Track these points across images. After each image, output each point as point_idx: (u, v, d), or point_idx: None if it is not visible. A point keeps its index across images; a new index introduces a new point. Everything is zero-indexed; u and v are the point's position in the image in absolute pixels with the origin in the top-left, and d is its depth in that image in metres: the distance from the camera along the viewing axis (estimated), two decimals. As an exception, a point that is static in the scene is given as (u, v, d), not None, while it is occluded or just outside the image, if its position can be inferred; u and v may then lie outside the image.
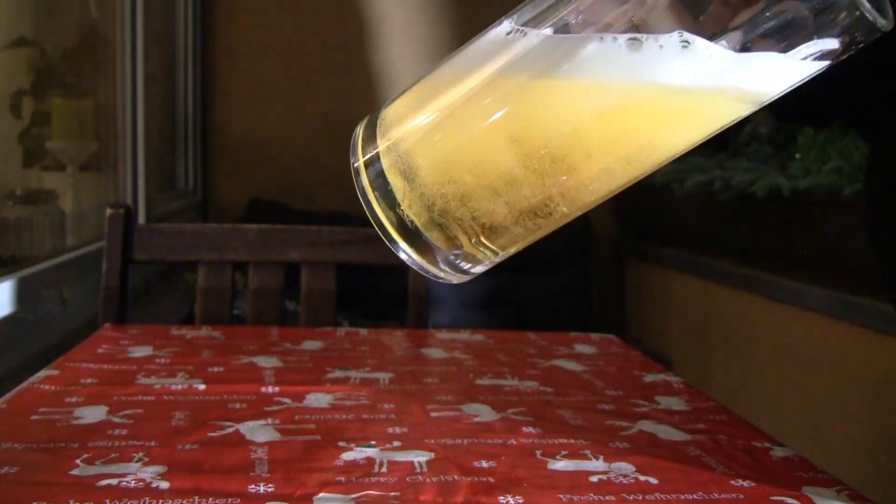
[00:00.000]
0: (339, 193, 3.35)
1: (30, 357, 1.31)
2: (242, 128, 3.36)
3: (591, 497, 0.58)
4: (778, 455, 0.69)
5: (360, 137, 0.45)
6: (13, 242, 1.58)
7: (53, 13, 2.01)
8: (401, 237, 0.43)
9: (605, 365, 0.99)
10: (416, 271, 0.45)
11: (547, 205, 0.42)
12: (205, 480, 0.59)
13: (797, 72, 0.39)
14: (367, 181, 0.44)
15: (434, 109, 0.43)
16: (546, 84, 0.40)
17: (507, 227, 0.43)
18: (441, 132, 0.42)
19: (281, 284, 1.27)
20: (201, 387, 0.83)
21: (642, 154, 0.41)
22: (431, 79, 0.45)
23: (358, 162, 0.44)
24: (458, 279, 0.45)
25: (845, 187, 2.12)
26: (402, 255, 0.44)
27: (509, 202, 0.41)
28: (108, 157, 2.22)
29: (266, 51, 3.35)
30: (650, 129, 0.40)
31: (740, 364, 2.42)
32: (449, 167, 0.42)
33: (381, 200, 0.43)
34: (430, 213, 0.42)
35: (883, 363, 1.82)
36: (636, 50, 0.38)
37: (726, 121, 0.41)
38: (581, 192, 0.42)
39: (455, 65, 0.45)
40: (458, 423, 0.74)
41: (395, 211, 0.43)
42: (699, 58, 0.38)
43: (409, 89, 0.45)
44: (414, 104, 0.44)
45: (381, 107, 0.46)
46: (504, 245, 0.44)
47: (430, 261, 0.43)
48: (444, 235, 0.42)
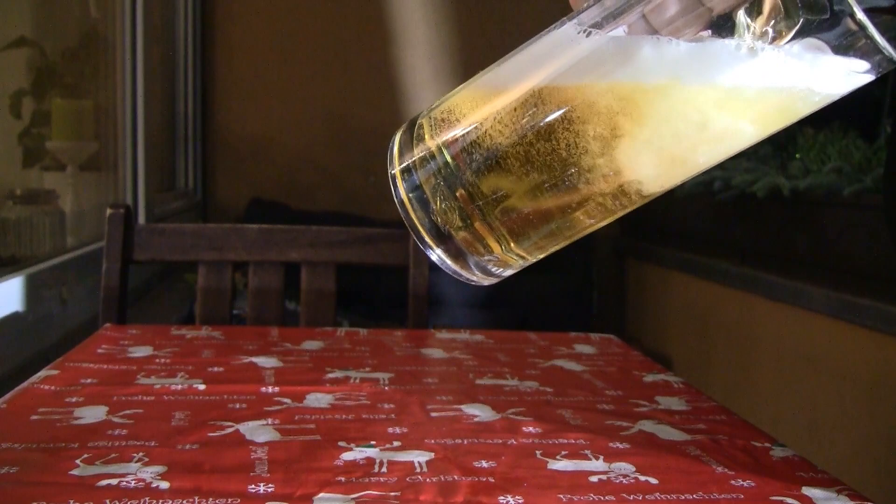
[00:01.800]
0: (339, 193, 3.35)
1: (30, 357, 1.31)
2: (242, 128, 3.36)
3: (591, 497, 0.58)
4: (778, 455, 0.69)
5: (398, 143, 0.45)
6: (13, 242, 1.58)
7: (53, 13, 2.01)
8: (434, 242, 0.43)
9: (605, 365, 0.99)
10: (446, 272, 0.45)
11: (590, 213, 0.42)
12: (205, 480, 0.59)
13: (854, 79, 0.39)
14: (403, 186, 0.44)
15: (480, 117, 0.43)
16: (637, 87, 0.40)
17: (543, 234, 0.43)
18: (487, 140, 0.42)
19: (281, 284, 1.27)
20: (201, 387, 0.83)
21: (716, 157, 0.41)
22: (475, 87, 0.45)
23: (395, 168, 0.45)
24: (488, 281, 0.46)
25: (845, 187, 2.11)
26: (434, 258, 0.44)
27: (552, 211, 0.42)
28: (108, 157, 2.22)
29: (266, 51, 3.35)
30: (748, 132, 0.41)
31: (740, 364, 2.42)
32: (492, 177, 0.42)
33: (415, 205, 0.44)
34: (464, 220, 0.42)
35: (883, 363, 1.82)
36: (751, 55, 0.38)
37: (794, 119, 0.41)
38: (632, 198, 0.42)
39: (509, 69, 0.44)
40: (458, 423, 0.74)
41: (429, 216, 0.43)
42: (782, 60, 0.38)
43: (449, 97, 0.45)
44: (456, 112, 0.44)
45: (419, 114, 0.46)
46: (534, 250, 0.44)
47: (462, 265, 0.44)
48: (478, 241, 0.43)
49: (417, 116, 0.46)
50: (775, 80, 0.39)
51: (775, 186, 2.33)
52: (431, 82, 3.41)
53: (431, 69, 3.41)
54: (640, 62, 0.39)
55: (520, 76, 0.43)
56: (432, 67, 3.41)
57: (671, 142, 0.40)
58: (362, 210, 3.29)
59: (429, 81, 3.41)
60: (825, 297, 1.99)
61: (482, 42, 3.39)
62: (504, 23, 3.38)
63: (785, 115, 0.41)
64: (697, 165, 0.42)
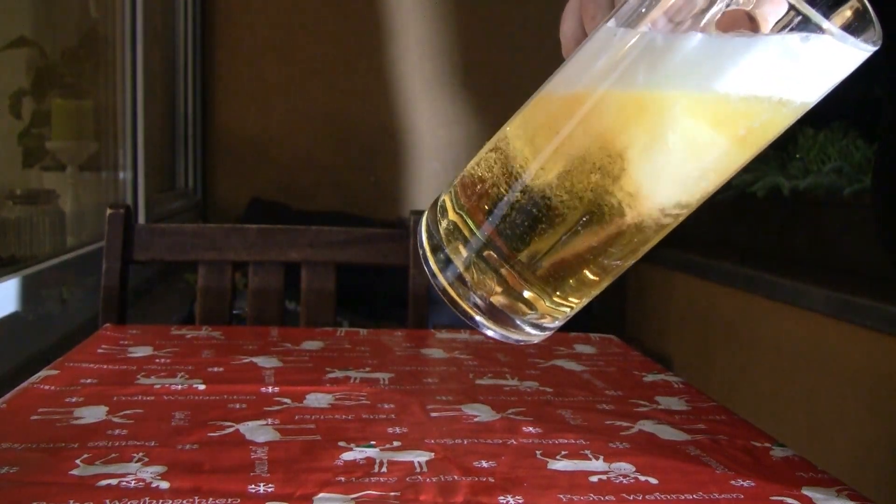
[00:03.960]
0: (339, 193, 3.35)
1: (30, 357, 1.31)
2: (242, 128, 3.36)
3: (591, 497, 0.58)
4: (778, 455, 0.69)
5: (426, 221, 0.45)
6: (13, 242, 1.58)
7: (53, 13, 2.01)
8: (477, 313, 0.43)
9: (605, 365, 0.99)
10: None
11: (635, 251, 0.42)
12: (205, 480, 0.59)
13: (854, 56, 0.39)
14: (437, 267, 0.43)
15: (495, 179, 0.42)
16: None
17: (580, 276, 0.42)
18: (505, 198, 0.42)
19: (281, 284, 1.27)
20: (201, 387, 0.83)
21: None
22: (487, 150, 0.44)
23: (425, 247, 0.44)
24: (539, 338, 0.45)
25: (845, 187, 2.12)
26: (490, 333, 0.44)
27: (581, 254, 0.41)
28: (108, 157, 2.22)
29: (266, 51, 3.35)
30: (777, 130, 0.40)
31: (740, 364, 2.42)
32: (517, 233, 0.41)
33: (453, 282, 0.43)
34: (503, 287, 0.42)
35: (883, 363, 1.82)
36: (811, 48, 0.37)
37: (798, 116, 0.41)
38: (669, 227, 0.42)
39: (514, 129, 0.43)
40: (458, 423, 0.74)
41: (469, 291, 0.42)
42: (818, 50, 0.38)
43: (472, 167, 0.44)
44: (473, 177, 0.44)
45: (444, 191, 0.45)
46: (580, 298, 0.44)
47: (511, 328, 0.43)
48: (520, 301, 0.42)
49: (440, 195, 0.45)
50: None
51: (775, 186, 2.33)
52: (431, 82, 3.41)
53: (431, 69, 3.41)
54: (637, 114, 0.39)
55: (523, 133, 0.43)
56: (432, 67, 3.41)
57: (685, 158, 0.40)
58: (362, 210, 3.29)
59: (429, 82, 3.41)
60: (825, 296, 1.99)
61: (482, 42, 3.39)
62: (504, 22, 3.38)
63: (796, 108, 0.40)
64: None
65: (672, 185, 0.40)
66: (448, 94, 3.42)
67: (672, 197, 0.41)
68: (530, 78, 2.18)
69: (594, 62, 0.40)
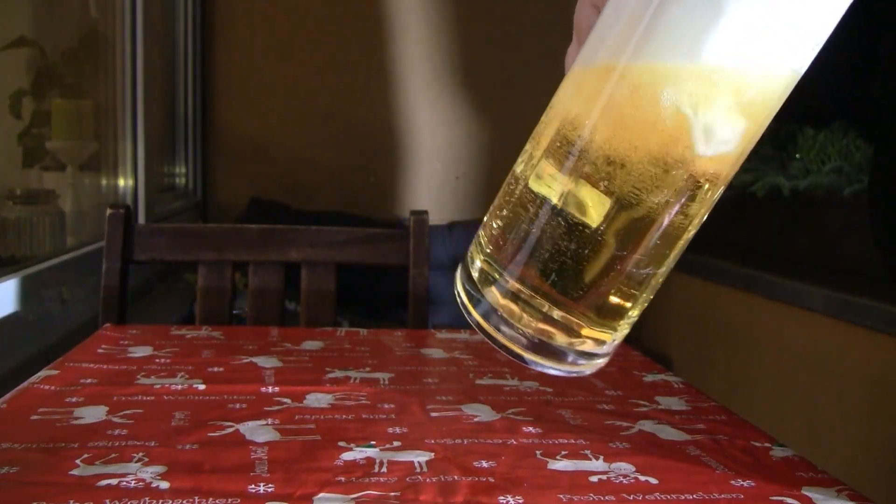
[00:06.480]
0: (339, 193, 3.35)
1: (30, 357, 1.31)
2: (242, 128, 3.36)
3: (591, 497, 0.58)
4: (778, 455, 0.69)
5: (459, 282, 0.45)
6: (13, 242, 1.58)
7: (53, 13, 2.01)
8: (528, 352, 0.43)
9: (605, 365, 0.99)
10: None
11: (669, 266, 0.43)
12: (205, 480, 0.59)
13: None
14: (480, 315, 0.43)
15: (511, 216, 0.42)
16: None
17: (626, 309, 0.43)
18: (525, 232, 0.42)
19: (281, 284, 1.27)
20: (201, 387, 0.83)
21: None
22: (501, 195, 0.44)
23: (463, 297, 0.44)
24: (592, 369, 0.45)
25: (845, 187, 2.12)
26: (551, 372, 0.44)
27: (604, 280, 0.41)
28: (108, 157, 2.22)
29: (266, 51, 3.35)
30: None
31: (740, 364, 2.42)
32: (541, 264, 0.41)
33: (500, 326, 0.43)
34: (549, 325, 0.42)
35: (883, 363, 1.82)
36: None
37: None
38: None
39: (521, 166, 0.43)
40: (458, 423, 0.74)
41: (516, 332, 0.42)
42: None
43: (491, 211, 0.44)
44: (490, 223, 0.44)
45: (472, 243, 0.45)
46: (616, 317, 0.44)
47: (564, 362, 0.44)
48: (562, 331, 0.42)
49: (468, 250, 0.46)
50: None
51: (775, 186, 2.33)
52: (431, 82, 3.41)
53: (431, 68, 3.41)
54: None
55: (529, 168, 0.43)
56: (432, 67, 3.41)
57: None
58: (362, 210, 3.29)
59: (428, 81, 3.41)
60: (825, 296, 1.99)
61: (482, 42, 3.39)
62: (504, 22, 3.38)
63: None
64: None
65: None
66: (448, 94, 3.42)
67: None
68: (530, 78, 2.21)
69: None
